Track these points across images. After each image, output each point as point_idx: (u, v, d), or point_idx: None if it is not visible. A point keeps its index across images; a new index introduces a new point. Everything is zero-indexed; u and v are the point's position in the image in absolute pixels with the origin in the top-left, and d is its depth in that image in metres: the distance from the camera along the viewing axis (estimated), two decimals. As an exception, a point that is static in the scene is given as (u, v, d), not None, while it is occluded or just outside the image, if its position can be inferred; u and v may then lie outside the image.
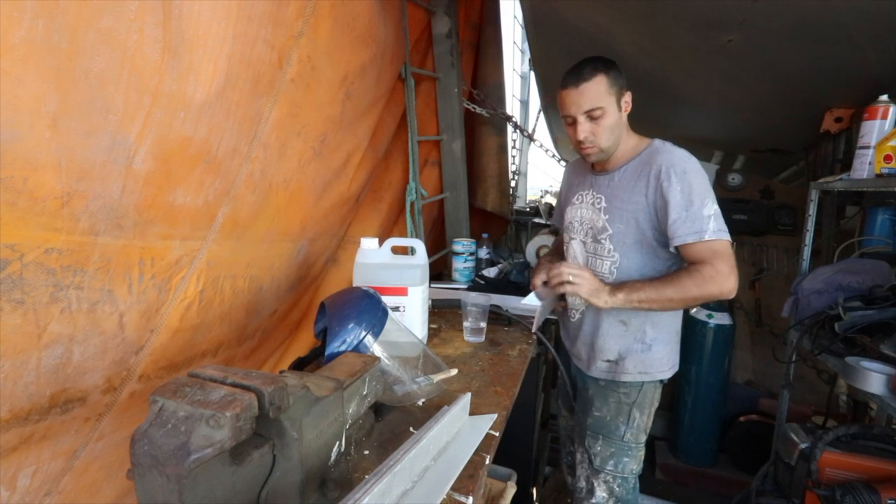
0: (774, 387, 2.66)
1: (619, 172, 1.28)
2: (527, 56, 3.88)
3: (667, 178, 1.17)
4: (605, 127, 1.22)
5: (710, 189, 1.17)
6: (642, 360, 1.28)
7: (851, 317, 1.45)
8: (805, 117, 2.11)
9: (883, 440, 1.38)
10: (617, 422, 1.30)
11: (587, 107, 1.21)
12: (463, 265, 2.08)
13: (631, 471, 1.32)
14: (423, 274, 1.27)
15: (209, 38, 0.87)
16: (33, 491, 0.90)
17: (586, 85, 1.20)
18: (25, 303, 0.75)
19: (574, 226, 1.40)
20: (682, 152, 1.21)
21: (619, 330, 1.30)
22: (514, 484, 1.15)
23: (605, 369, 1.32)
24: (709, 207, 1.15)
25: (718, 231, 1.14)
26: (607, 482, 1.32)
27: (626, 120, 1.26)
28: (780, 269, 2.82)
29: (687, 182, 1.15)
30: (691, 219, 1.14)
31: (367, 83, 1.43)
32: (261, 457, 0.61)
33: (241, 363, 1.43)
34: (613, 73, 1.21)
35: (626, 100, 1.24)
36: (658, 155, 1.21)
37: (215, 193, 1.02)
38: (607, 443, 1.31)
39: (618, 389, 1.30)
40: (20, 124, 0.65)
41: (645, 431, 1.32)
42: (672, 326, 1.32)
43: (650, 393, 1.30)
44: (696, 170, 1.17)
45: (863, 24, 1.44)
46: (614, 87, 1.21)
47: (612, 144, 1.25)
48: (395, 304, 1.24)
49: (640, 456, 1.33)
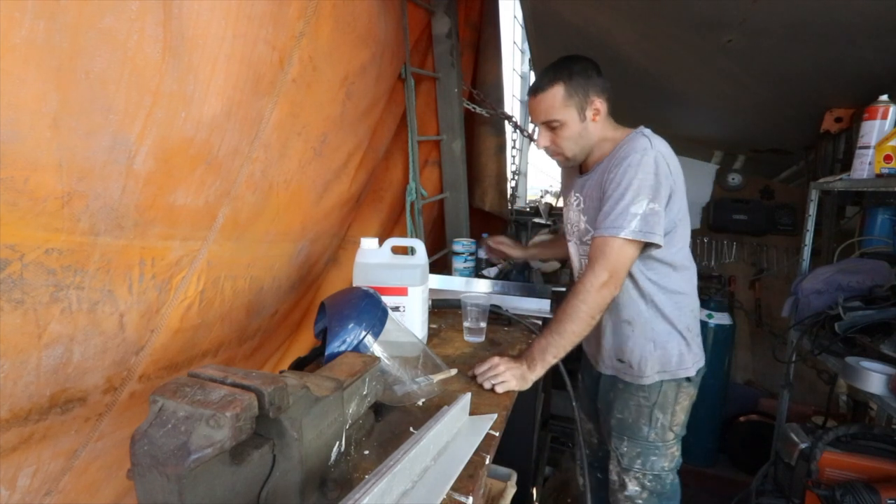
0: (774, 387, 2.66)
1: (595, 172, 1.24)
2: (527, 56, 3.88)
3: (614, 168, 1.13)
4: (564, 137, 1.20)
5: (654, 186, 1.10)
6: (658, 360, 1.24)
7: (851, 317, 1.45)
8: (805, 117, 2.11)
9: (883, 440, 1.38)
10: (639, 424, 1.27)
11: (542, 118, 1.19)
12: (463, 265, 2.08)
13: (662, 468, 1.28)
14: (424, 274, 1.27)
15: (209, 38, 0.87)
16: (33, 491, 0.90)
17: (542, 95, 1.18)
18: (25, 303, 0.75)
19: (568, 228, 1.39)
20: (641, 143, 1.14)
21: (626, 331, 1.27)
22: (514, 484, 1.15)
23: (620, 369, 1.30)
24: (640, 205, 1.08)
25: (640, 231, 1.08)
26: (638, 478, 1.29)
27: (600, 124, 1.21)
28: (780, 269, 2.82)
29: (628, 175, 1.10)
30: (616, 213, 1.09)
31: (367, 83, 1.43)
32: (261, 457, 0.61)
33: (242, 363, 1.43)
34: (576, 81, 1.16)
35: (597, 107, 1.19)
36: (619, 150, 1.16)
37: (216, 194, 1.02)
38: (633, 443, 1.29)
39: (637, 393, 1.27)
40: (21, 124, 0.66)
41: (672, 429, 1.27)
42: (682, 321, 1.26)
43: (671, 392, 1.26)
44: (644, 163, 1.10)
45: (863, 24, 1.44)
46: (575, 97, 1.17)
47: (580, 152, 1.23)
48: (395, 304, 1.23)
49: (672, 453, 1.29)
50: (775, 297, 2.79)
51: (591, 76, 1.19)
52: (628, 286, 1.23)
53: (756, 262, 2.88)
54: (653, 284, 1.23)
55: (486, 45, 2.50)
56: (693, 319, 1.29)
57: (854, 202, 2.19)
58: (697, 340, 1.30)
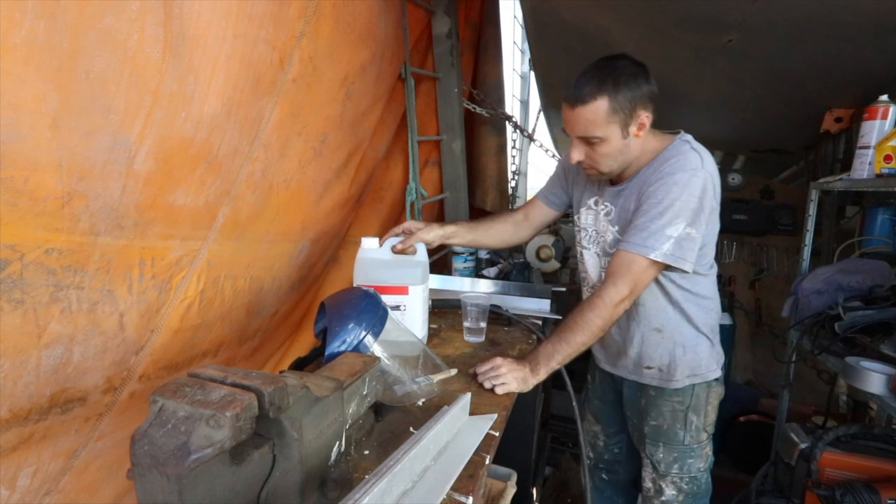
0: (774, 387, 2.65)
1: (633, 182, 1.16)
2: (527, 56, 3.89)
3: (657, 181, 1.07)
4: (602, 154, 1.10)
5: (696, 210, 1.04)
6: (689, 364, 1.22)
7: (851, 317, 1.45)
8: (805, 117, 2.12)
9: (883, 440, 1.38)
10: (675, 428, 1.25)
11: (580, 133, 1.09)
12: (463, 265, 2.08)
13: (698, 469, 1.27)
14: (424, 273, 1.27)
15: (210, 38, 0.87)
16: (33, 491, 0.90)
17: (582, 109, 1.05)
18: (25, 303, 0.75)
19: (585, 235, 1.31)
20: (692, 161, 1.07)
21: (655, 338, 1.23)
22: (514, 484, 1.14)
23: (650, 376, 1.27)
24: (676, 227, 1.04)
25: (671, 255, 1.04)
26: (675, 482, 1.28)
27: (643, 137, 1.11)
28: (780, 269, 2.82)
29: (672, 194, 1.04)
30: (650, 231, 1.04)
31: (367, 83, 1.43)
32: (261, 457, 0.61)
33: (243, 363, 1.43)
34: (623, 94, 1.03)
35: (642, 121, 1.08)
36: (666, 162, 1.09)
37: (216, 193, 1.02)
38: (669, 449, 1.27)
39: (670, 398, 1.25)
40: (21, 124, 0.66)
41: (705, 430, 1.27)
42: (707, 324, 1.23)
43: (702, 394, 1.24)
44: (692, 185, 1.04)
45: (863, 24, 1.44)
46: (621, 112, 1.04)
47: (617, 168, 1.14)
48: (395, 302, 1.23)
49: (706, 453, 1.28)
50: (775, 297, 2.79)
51: (640, 85, 1.05)
52: (657, 294, 1.20)
53: (756, 262, 2.88)
54: (683, 291, 1.20)
55: (487, 45, 2.50)
56: (716, 320, 1.28)
57: (854, 202, 2.19)
58: (717, 339, 1.29)
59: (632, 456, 1.52)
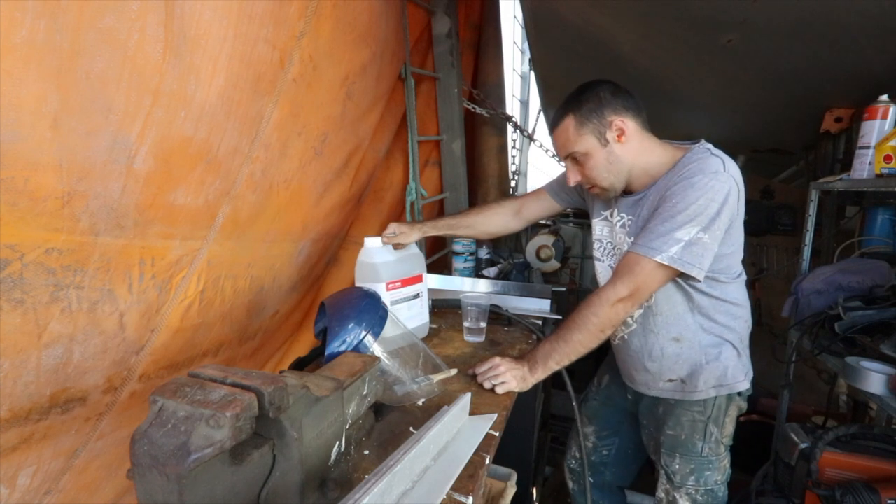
0: (774, 387, 2.65)
1: (651, 191, 1.13)
2: (527, 56, 3.89)
3: (674, 185, 1.05)
4: (591, 168, 1.13)
5: (713, 216, 1.02)
6: (712, 373, 1.18)
7: (851, 317, 1.45)
8: (805, 117, 2.12)
9: (883, 440, 1.38)
10: (693, 439, 1.21)
11: (563, 153, 1.16)
12: (463, 265, 2.08)
13: (715, 482, 1.23)
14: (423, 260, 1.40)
15: (211, 38, 0.87)
16: (33, 490, 0.90)
17: (556, 132, 1.15)
18: (25, 302, 0.75)
19: (601, 245, 1.28)
20: (712, 164, 1.04)
21: (674, 349, 1.19)
22: (514, 484, 1.14)
23: (670, 388, 1.23)
24: (687, 231, 1.01)
25: (678, 259, 1.01)
26: (690, 494, 1.24)
27: (632, 144, 1.12)
28: (780, 269, 2.82)
29: (688, 197, 1.02)
30: (659, 234, 1.03)
31: (367, 83, 1.43)
32: (261, 457, 0.61)
33: (243, 363, 1.43)
34: (587, 107, 1.09)
35: (618, 126, 1.09)
36: (685, 168, 1.06)
37: (216, 193, 1.02)
38: (685, 460, 1.22)
39: (691, 408, 1.21)
40: (21, 124, 0.66)
41: (723, 442, 1.23)
42: (735, 332, 1.19)
43: (725, 405, 1.21)
44: (711, 188, 1.01)
45: (863, 24, 1.45)
46: (589, 124, 1.09)
47: (615, 179, 1.14)
48: (416, 291, 1.33)
49: (724, 465, 1.24)
50: (775, 297, 2.79)
51: (604, 97, 1.10)
52: (676, 302, 1.17)
53: (756, 262, 2.88)
54: (711, 299, 1.16)
55: (487, 45, 2.50)
56: (745, 330, 1.23)
57: (854, 202, 2.18)
58: (747, 352, 1.25)
59: (621, 461, 1.51)
